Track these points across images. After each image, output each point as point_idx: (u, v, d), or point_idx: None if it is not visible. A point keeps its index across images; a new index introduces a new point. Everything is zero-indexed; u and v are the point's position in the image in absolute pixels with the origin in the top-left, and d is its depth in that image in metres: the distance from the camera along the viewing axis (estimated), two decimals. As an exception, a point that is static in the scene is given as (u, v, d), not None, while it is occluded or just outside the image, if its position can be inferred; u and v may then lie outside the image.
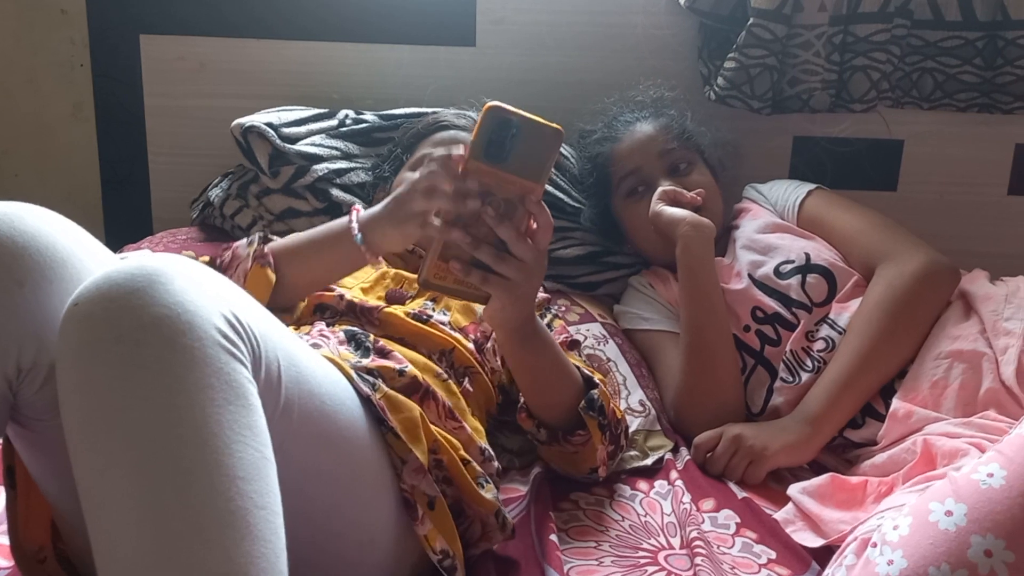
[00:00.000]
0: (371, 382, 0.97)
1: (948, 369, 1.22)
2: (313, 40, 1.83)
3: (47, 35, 1.88)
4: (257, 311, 0.77)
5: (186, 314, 0.68)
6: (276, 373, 0.76)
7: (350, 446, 0.88)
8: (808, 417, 1.27)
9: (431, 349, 1.13)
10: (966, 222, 1.89)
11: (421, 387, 1.03)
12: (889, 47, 1.70)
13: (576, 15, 1.83)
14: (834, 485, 1.14)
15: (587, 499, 1.18)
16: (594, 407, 1.13)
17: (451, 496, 1.00)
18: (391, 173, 1.47)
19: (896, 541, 0.85)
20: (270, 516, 0.68)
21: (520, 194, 0.94)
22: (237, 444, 0.67)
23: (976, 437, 1.09)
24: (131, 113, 1.87)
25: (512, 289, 0.96)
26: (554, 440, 1.16)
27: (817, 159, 1.87)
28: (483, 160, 0.92)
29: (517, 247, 0.95)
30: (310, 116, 1.68)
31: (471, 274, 0.95)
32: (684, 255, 1.39)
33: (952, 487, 0.85)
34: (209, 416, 0.67)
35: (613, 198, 1.58)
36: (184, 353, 0.67)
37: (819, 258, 1.40)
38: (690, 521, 1.11)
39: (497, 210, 0.94)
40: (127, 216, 1.92)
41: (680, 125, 1.57)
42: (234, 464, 0.66)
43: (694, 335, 1.37)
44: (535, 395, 1.15)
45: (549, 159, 0.94)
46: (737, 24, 1.70)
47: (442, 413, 1.04)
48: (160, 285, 0.68)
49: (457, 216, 0.94)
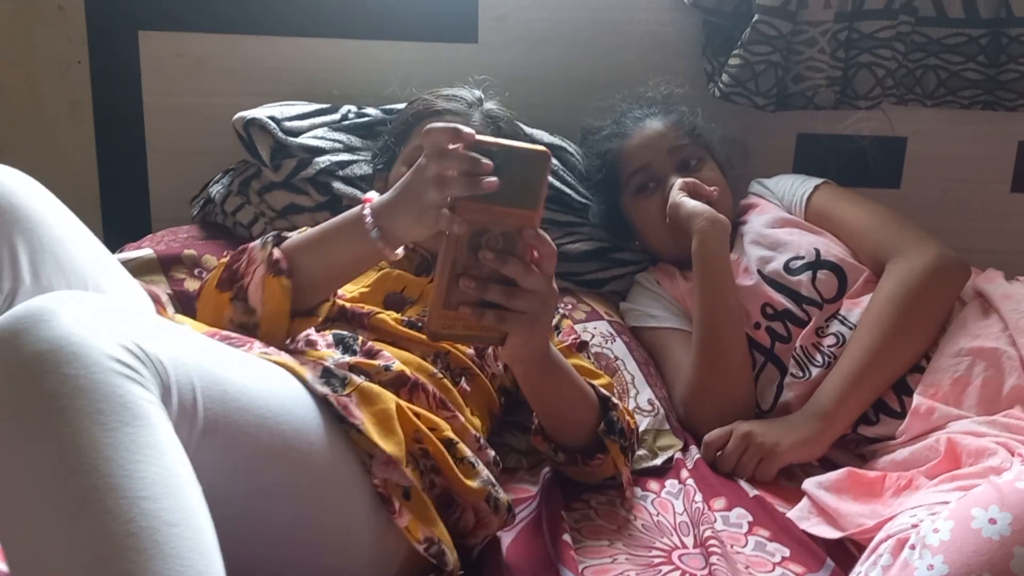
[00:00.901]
0: (341, 377, 0.95)
1: (970, 367, 1.21)
2: (313, 36, 1.81)
3: (44, 32, 1.85)
4: (167, 338, 0.76)
5: (70, 346, 0.67)
6: (191, 397, 0.75)
7: (301, 454, 0.86)
8: (819, 412, 1.26)
9: (424, 352, 1.12)
10: (969, 219, 1.89)
11: (409, 381, 1.02)
12: (894, 44, 1.70)
13: (579, 12, 1.81)
14: (851, 480, 1.14)
15: (598, 499, 1.17)
16: (614, 430, 1.12)
17: (440, 485, 0.99)
18: (385, 166, 1.45)
19: (937, 545, 0.84)
20: (187, 533, 0.66)
21: (517, 225, 0.89)
22: (137, 464, 0.66)
23: (1002, 436, 1.09)
24: (129, 110, 1.85)
25: (531, 323, 0.93)
26: (572, 463, 1.15)
27: (821, 156, 1.86)
28: (470, 198, 0.88)
29: (527, 280, 0.91)
30: (312, 111, 1.66)
31: (485, 316, 0.91)
32: (701, 249, 1.38)
33: (997, 495, 0.83)
34: (99, 440, 0.65)
35: (622, 194, 1.57)
36: (68, 382, 0.66)
37: (829, 254, 1.39)
38: (703, 520, 1.10)
39: (495, 248, 0.89)
40: (126, 214, 1.90)
41: (690, 122, 1.56)
42: (134, 485, 0.65)
43: (707, 331, 1.36)
44: (553, 421, 1.13)
45: (541, 183, 0.89)
46: (741, 20, 1.69)
47: (433, 403, 1.03)
48: (44, 323, 0.68)
49: (455, 262, 0.89)
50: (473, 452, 1.02)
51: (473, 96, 1.40)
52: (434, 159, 0.90)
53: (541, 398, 1.10)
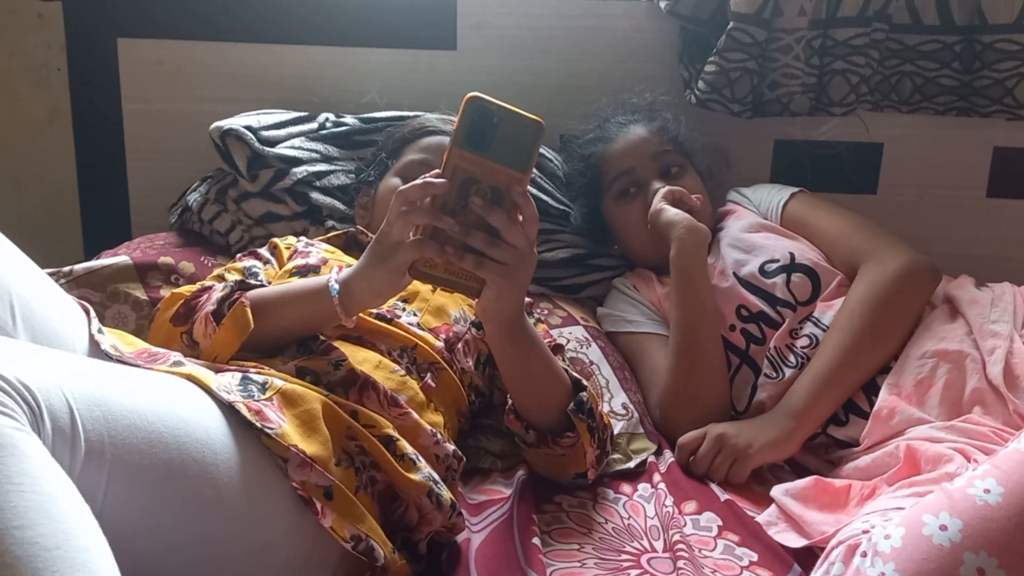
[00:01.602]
0: (261, 382, 0.95)
1: (933, 368, 1.23)
2: (292, 44, 1.82)
3: (23, 39, 1.85)
4: (38, 362, 0.76)
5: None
6: (68, 420, 0.74)
7: (205, 465, 0.84)
8: (790, 411, 1.28)
9: (390, 346, 1.13)
10: (945, 225, 1.90)
11: (359, 379, 1.03)
12: (868, 51, 1.71)
13: (556, 19, 1.82)
14: (818, 488, 1.14)
15: (570, 501, 1.18)
16: (583, 410, 1.13)
17: (382, 481, 0.99)
18: (376, 178, 1.47)
19: (888, 552, 0.85)
20: (70, 553, 0.66)
21: (506, 183, 0.93)
22: (9, 495, 0.65)
23: (959, 442, 1.10)
24: (108, 118, 1.85)
25: (508, 274, 0.96)
26: (543, 442, 1.15)
27: (798, 162, 1.88)
28: (466, 148, 0.92)
29: (509, 233, 0.95)
30: (290, 119, 1.67)
31: (465, 259, 0.94)
32: (679, 256, 1.39)
33: (947, 501, 0.84)
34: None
35: (603, 198, 1.59)
36: None
37: (803, 257, 1.41)
38: (672, 524, 1.11)
39: (484, 198, 0.93)
40: (105, 222, 1.90)
41: (674, 129, 1.59)
42: (6, 516, 0.65)
43: (685, 335, 1.37)
44: (524, 395, 1.15)
45: (533, 149, 0.94)
46: (717, 28, 1.70)
47: (385, 401, 1.03)
48: None
49: (443, 205, 0.93)
50: (428, 447, 1.04)
51: None
52: (399, 218, 0.96)
53: (512, 365, 1.11)
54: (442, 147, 1.40)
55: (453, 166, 0.93)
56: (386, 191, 1.41)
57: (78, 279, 1.41)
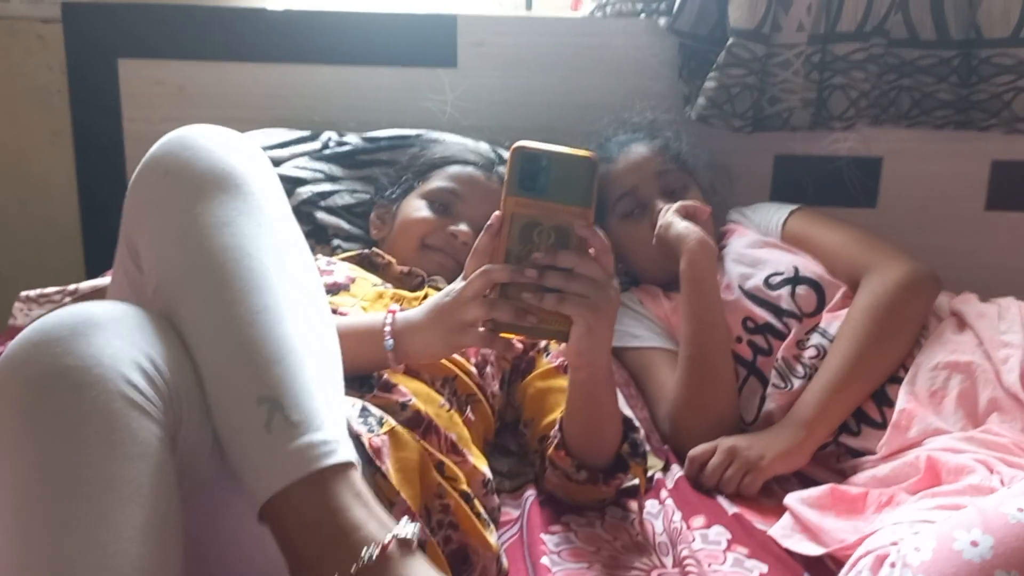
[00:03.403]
0: (378, 417, 0.94)
1: (946, 380, 1.24)
2: (293, 63, 1.83)
3: (24, 61, 1.86)
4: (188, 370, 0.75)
5: (98, 367, 0.67)
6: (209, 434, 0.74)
7: None
8: (800, 421, 1.28)
9: (433, 376, 1.11)
10: (945, 238, 1.91)
11: (424, 421, 1.01)
12: (867, 66, 1.72)
13: (556, 36, 1.84)
14: (834, 496, 1.14)
15: (578, 521, 1.17)
16: (638, 452, 1.11)
17: (456, 541, 0.97)
18: (399, 196, 1.47)
19: (917, 565, 0.84)
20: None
21: (569, 220, 0.90)
22: (133, 503, 0.65)
23: (980, 453, 1.10)
24: (110, 138, 1.85)
25: (593, 307, 0.90)
26: (591, 482, 1.12)
27: (798, 177, 1.88)
28: (520, 194, 0.89)
29: (584, 267, 0.90)
30: (293, 139, 1.67)
31: (545, 299, 0.90)
32: (690, 269, 1.39)
33: (980, 517, 0.84)
34: (101, 472, 0.65)
35: (608, 218, 1.59)
36: (86, 406, 0.66)
37: (807, 270, 1.42)
38: (681, 539, 1.11)
39: (547, 241, 0.90)
40: (107, 243, 1.86)
41: (676, 147, 1.59)
42: (124, 522, 0.64)
43: (695, 348, 1.37)
44: (588, 436, 1.10)
45: (592, 183, 0.90)
46: (716, 44, 1.71)
47: (445, 447, 1.01)
48: (82, 336, 0.68)
49: (507, 253, 0.90)
50: (479, 496, 1.01)
51: (491, 155, 1.49)
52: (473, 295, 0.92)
53: (590, 410, 1.06)
54: (471, 179, 1.42)
55: (511, 214, 0.90)
56: (409, 210, 1.42)
57: (84, 297, 1.41)
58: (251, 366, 0.73)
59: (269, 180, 0.86)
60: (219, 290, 0.76)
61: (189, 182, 0.81)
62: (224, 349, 0.74)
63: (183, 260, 0.78)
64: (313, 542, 0.69)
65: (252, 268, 0.77)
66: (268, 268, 0.78)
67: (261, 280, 0.77)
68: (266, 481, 0.70)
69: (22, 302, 1.33)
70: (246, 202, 0.81)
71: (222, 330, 0.74)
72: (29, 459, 0.65)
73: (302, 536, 0.70)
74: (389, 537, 0.70)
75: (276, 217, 0.84)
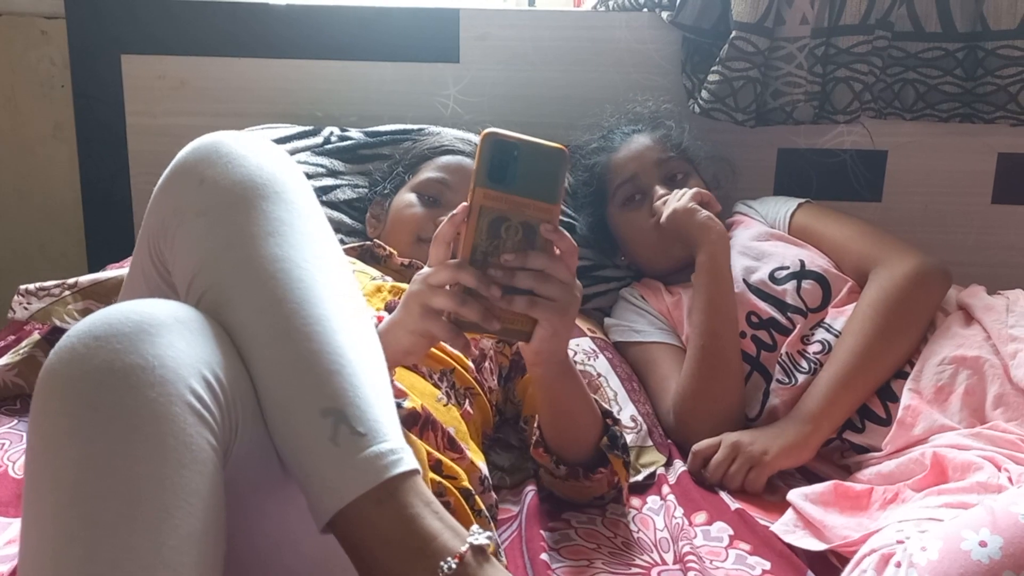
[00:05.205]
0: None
1: (953, 375, 1.23)
2: (296, 58, 1.82)
3: (27, 55, 1.86)
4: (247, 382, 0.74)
5: (161, 368, 0.65)
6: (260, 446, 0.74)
7: None
8: (806, 416, 1.27)
9: (431, 368, 1.11)
10: (951, 231, 1.90)
11: (421, 417, 1.00)
12: (871, 59, 1.71)
13: (559, 30, 1.83)
14: (838, 492, 1.14)
15: (579, 518, 1.17)
16: (617, 444, 1.11)
17: None
18: (392, 191, 1.46)
19: (924, 565, 0.83)
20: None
21: (536, 217, 0.89)
22: (180, 510, 0.63)
23: (987, 450, 1.09)
24: (112, 132, 1.85)
25: (561, 311, 0.90)
26: (573, 477, 1.13)
27: (802, 171, 1.88)
28: (489, 186, 0.87)
29: (554, 268, 0.89)
30: (295, 134, 1.67)
31: (515, 302, 0.89)
32: (710, 261, 1.39)
33: (990, 517, 0.83)
34: (152, 475, 0.63)
35: (609, 207, 1.59)
36: (145, 406, 0.64)
37: (813, 264, 1.41)
38: (682, 536, 1.10)
39: (515, 237, 0.88)
40: (109, 236, 1.90)
41: (678, 137, 1.59)
42: (168, 530, 0.63)
43: (709, 338, 1.37)
44: (561, 432, 1.11)
45: (560, 179, 0.89)
46: (720, 37, 1.71)
47: (442, 443, 1.01)
48: (146, 335, 0.66)
49: (475, 247, 0.88)
50: (477, 494, 1.01)
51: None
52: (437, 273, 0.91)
53: (555, 404, 1.07)
54: (460, 167, 1.41)
55: (479, 206, 0.88)
56: (401, 205, 1.42)
57: (84, 291, 1.40)
58: (312, 378, 0.72)
59: (305, 187, 0.85)
60: (273, 302, 0.75)
61: (227, 191, 0.80)
62: (283, 362, 0.73)
63: (231, 271, 0.77)
64: (392, 554, 0.69)
65: (303, 279, 0.77)
66: (316, 278, 0.78)
67: (311, 291, 0.76)
68: (336, 493, 0.69)
69: (21, 295, 1.32)
70: (288, 210, 0.81)
71: (280, 343, 0.74)
72: (75, 457, 0.63)
73: (380, 548, 0.69)
74: (465, 547, 0.69)
75: (317, 224, 0.83)
